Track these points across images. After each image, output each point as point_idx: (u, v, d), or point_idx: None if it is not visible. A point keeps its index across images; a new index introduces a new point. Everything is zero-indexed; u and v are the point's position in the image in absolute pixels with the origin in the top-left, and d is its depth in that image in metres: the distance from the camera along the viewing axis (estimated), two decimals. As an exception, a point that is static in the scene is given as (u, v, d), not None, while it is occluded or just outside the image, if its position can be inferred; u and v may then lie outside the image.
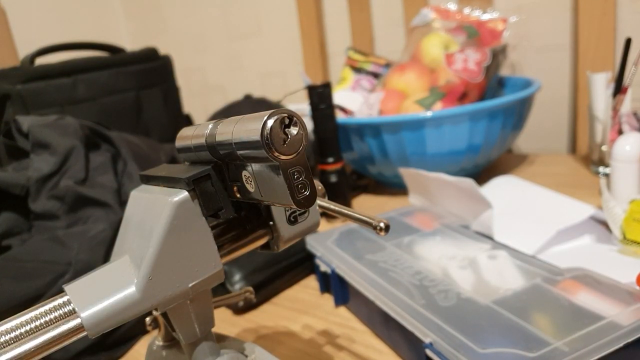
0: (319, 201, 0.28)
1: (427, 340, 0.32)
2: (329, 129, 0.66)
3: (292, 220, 0.26)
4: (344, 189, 0.68)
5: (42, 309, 0.21)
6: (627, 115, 0.62)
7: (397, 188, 0.73)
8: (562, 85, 0.84)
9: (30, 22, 1.29)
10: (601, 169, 0.68)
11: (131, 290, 0.22)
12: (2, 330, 0.20)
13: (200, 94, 1.47)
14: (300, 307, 0.47)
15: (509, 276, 0.38)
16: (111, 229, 0.46)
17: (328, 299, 0.47)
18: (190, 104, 1.46)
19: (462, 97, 0.70)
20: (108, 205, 0.48)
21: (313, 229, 0.27)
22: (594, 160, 0.69)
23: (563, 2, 0.81)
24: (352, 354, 0.39)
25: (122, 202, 0.50)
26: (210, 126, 0.22)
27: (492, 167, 0.77)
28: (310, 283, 0.51)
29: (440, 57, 0.73)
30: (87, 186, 0.49)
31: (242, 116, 0.20)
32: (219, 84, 1.42)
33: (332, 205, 0.27)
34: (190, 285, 0.23)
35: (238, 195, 0.23)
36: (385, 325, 0.39)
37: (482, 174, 0.73)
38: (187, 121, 0.99)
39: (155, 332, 0.32)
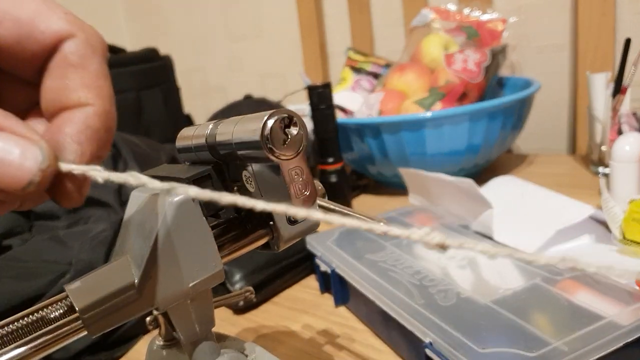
0: (319, 201, 0.28)
1: (426, 340, 0.32)
2: (329, 129, 0.66)
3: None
4: (344, 189, 0.69)
5: (43, 309, 0.21)
6: (627, 115, 0.62)
7: (397, 188, 0.73)
8: (562, 86, 0.84)
9: (30, 23, 1.29)
10: (601, 169, 0.68)
11: (132, 290, 0.22)
12: (2, 330, 0.20)
13: (201, 94, 1.47)
14: (301, 307, 0.47)
15: (509, 276, 0.38)
16: (112, 228, 0.46)
17: (328, 299, 0.48)
18: (190, 104, 1.46)
19: (462, 98, 0.70)
20: (109, 205, 0.48)
21: (313, 229, 0.27)
22: (594, 160, 0.69)
23: (562, 3, 0.81)
24: (352, 353, 0.39)
25: (123, 202, 0.50)
26: (210, 126, 0.23)
27: (492, 167, 0.77)
28: (310, 283, 0.51)
29: (440, 57, 0.73)
30: (87, 186, 0.49)
31: (242, 116, 0.20)
32: (219, 85, 1.42)
33: (332, 205, 0.27)
34: (190, 285, 0.23)
35: (238, 195, 0.23)
36: (385, 325, 0.39)
37: (481, 174, 0.73)
38: (188, 121, 0.99)
39: (155, 332, 0.32)
